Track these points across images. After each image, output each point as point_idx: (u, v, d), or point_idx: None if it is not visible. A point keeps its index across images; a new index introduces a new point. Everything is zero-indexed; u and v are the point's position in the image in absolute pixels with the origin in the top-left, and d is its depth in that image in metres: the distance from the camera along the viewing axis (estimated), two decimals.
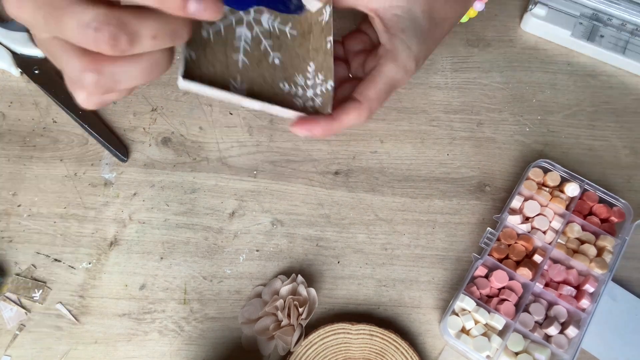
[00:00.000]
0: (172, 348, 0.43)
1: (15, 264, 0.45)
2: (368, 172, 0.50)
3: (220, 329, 0.44)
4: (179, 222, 0.47)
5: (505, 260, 0.45)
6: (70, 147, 0.50)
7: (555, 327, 0.42)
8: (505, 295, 0.43)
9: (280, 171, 0.49)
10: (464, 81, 0.54)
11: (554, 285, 0.44)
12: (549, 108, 0.53)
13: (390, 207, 0.48)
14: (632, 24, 0.54)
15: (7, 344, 0.43)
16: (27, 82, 0.52)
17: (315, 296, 0.43)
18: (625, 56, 0.53)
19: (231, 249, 0.46)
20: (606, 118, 0.52)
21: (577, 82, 0.54)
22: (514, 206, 0.47)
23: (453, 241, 0.47)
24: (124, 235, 0.46)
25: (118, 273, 0.45)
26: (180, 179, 0.49)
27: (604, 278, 0.44)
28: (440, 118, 0.52)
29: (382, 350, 0.42)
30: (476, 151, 0.51)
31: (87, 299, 0.44)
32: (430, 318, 0.45)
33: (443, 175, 0.50)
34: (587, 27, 0.54)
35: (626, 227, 0.46)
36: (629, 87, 0.54)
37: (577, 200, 0.47)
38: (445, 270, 0.46)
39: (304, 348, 0.42)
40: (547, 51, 0.55)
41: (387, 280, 0.46)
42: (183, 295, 0.45)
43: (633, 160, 0.51)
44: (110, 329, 0.43)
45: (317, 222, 0.48)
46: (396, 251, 0.47)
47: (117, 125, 0.51)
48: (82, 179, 0.48)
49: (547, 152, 0.51)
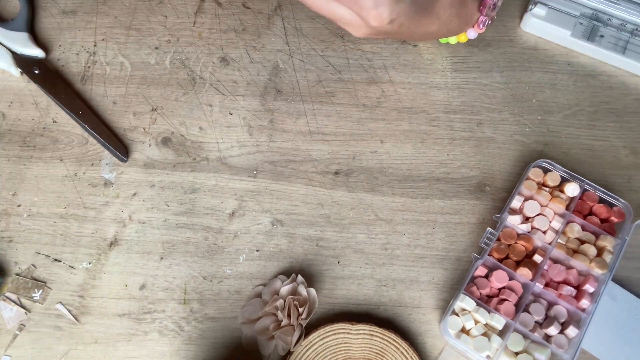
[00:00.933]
0: (172, 348, 0.43)
1: (15, 264, 0.45)
2: (368, 172, 0.50)
3: (220, 329, 0.44)
4: (179, 222, 0.47)
5: (505, 260, 0.45)
6: (70, 147, 0.50)
7: (555, 327, 0.42)
8: (505, 295, 0.43)
9: (280, 171, 0.49)
10: (464, 81, 0.54)
11: (554, 285, 0.44)
12: (549, 108, 0.53)
13: (390, 207, 0.48)
14: (632, 24, 0.54)
15: (7, 344, 0.43)
16: (27, 82, 0.52)
17: (315, 296, 0.43)
18: (625, 56, 0.53)
19: (231, 249, 0.46)
20: (606, 118, 0.52)
21: (577, 82, 0.54)
22: (514, 206, 0.47)
23: (453, 241, 0.47)
24: (124, 235, 0.47)
25: (118, 273, 0.45)
26: (180, 179, 0.49)
27: (604, 278, 0.44)
28: (440, 118, 0.52)
29: (382, 350, 0.42)
30: (476, 151, 0.51)
31: (87, 299, 0.44)
32: (430, 318, 0.45)
33: (443, 175, 0.50)
34: (587, 27, 0.54)
35: (626, 227, 0.46)
36: (629, 87, 0.54)
37: (577, 200, 0.47)
38: (445, 270, 0.46)
39: (304, 348, 0.42)
40: (547, 51, 0.55)
41: (387, 280, 0.46)
42: (183, 295, 0.45)
43: (633, 160, 0.51)
44: (110, 329, 0.43)
45: (317, 222, 0.48)
46: (396, 251, 0.47)
47: (117, 125, 0.51)
48: (82, 179, 0.48)
49: (547, 152, 0.51)
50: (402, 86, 0.53)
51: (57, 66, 0.53)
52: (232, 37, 0.55)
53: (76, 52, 0.54)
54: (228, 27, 0.56)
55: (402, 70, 0.54)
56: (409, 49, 0.55)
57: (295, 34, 0.55)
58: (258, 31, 0.56)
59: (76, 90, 0.52)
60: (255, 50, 0.55)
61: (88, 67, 0.53)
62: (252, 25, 0.56)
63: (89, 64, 0.53)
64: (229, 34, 0.55)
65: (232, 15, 0.56)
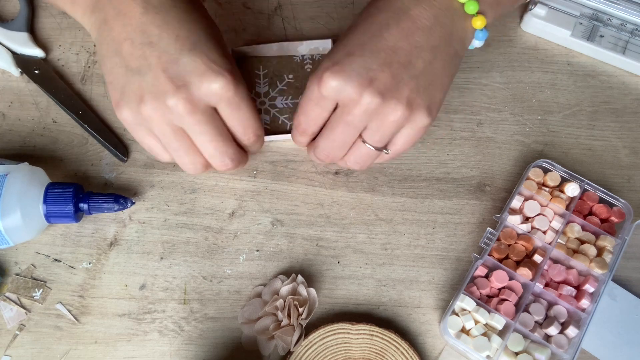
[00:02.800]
0: (172, 348, 0.43)
1: (15, 264, 0.45)
2: (368, 172, 0.50)
3: (220, 329, 0.44)
4: (179, 222, 0.47)
5: (505, 260, 0.45)
6: (70, 147, 0.50)
7: (555, 327, 0.42)
8: (505, 295, 0.43)
9: (280, 171, 0.49)
10: (464, 81, 0.54)
11: (554, 285, 0.44)
12: (549, 108, 0.53)
13: (390, 207, 0.48)
14: (632, 24, 0.54)
15: (7, 344, 0.43)
16: (27, 82, 0.52)
17: (315, 296, 0.43)
18: (625, 56, 0.53)
19: (231, 249, 0.46)
20: (606, 118, 0.52)
21: (577, 82, 0.54)
22: (514, 206, 0.47)
23: (453, 241, 0.47)
24: (124, 235, 0.47)
25: (118, 273, 0.45)
26: (180, 179, 0.49)
27: (604, 278, 0.44)
28: (440, 118, 0.52)
29: (382, 350, 0.42)
30: (476, 151, 0.51)
31: (87, 299, 0.44)
32: (430, 318, 0.45)
33: (443, 175, 0.50)
34: (587, 27, 0.54)
35: (626, 227, 0.46)
36: (629, 87, 0.54)
37: (577, 200, 0.47)
38: (445, 270, 0.46)
39: (304, 348, 0.42)
40: (547, 51, 0.55)
41: (387, 280, 0.46)
42: (183, 295, 0.45)
43: (633, 160, 0.51)
44: (110, 329, 0.43)
45: (317, 222, 0.48)
46: (396, 251, 0.47)
47: (117, 125, 0.51)
48: (82, 179, 0.48)
49: (547, 152, 0.51)
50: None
51: (57, 66, 0.53)
52: (232, 37, 0.55)
53: (76, 52, 0.54)
54: (228, 27, 0.56)
55: None
56: None
57: (296, 34, 0.55)
58: (258, 31, 0.56)
59: (76, 90, 0.52)
60: None
61: (88, 67, 0.53)
62: (252, 25, 0.56)
63: (89, 64, 0.53)
64: (229, 34, 0.55)
65: (232, 15, 0.56)
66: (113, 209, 0.44)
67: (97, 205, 0.44)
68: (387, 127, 0.39)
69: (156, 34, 0.37)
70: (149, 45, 0.37)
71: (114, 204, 0.44)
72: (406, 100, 0.38)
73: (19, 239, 0.43)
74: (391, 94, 0.38)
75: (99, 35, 0.39)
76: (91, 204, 0.44)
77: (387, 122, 0.39)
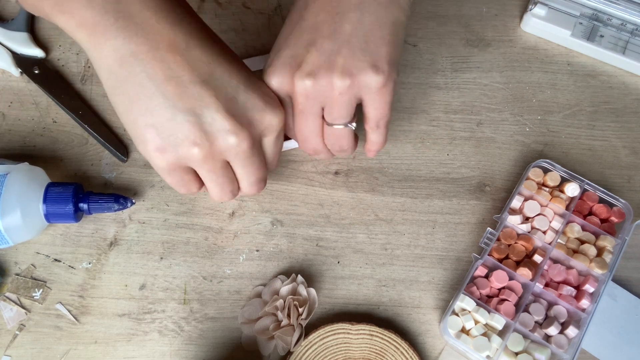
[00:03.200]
0: (172, 348, 0.43)
1: (15, 264, 0.45)
2: (368, 172, 0.50)
3: (220, 329, 0.44)
4: (179, 222, 0.47)
5: (505, 260, 0.45)
6: (70, 147, 0.50)
7: (555, 327, 0.42)
8: (505, 295, 0.43)
9: (280, 171, 0.49)
10: (464, 81, 0.54)
11: (554, 285, 0.44)
12: (549, 108, 0.53)
13: (390, 207, 0.48)
14: (632, 24, 0.54)
15: (7, 344, 0.43)
16: (27, 82, 0.52)
17: (315, 296, 0.43)
18: (625, 56, 0.53)
19: (231, 249, 0.46)
20: (606, 118, 0.52)
21: (577, 82, 0.54)
22: (514, 206, 0.47)
23: (453, 241, 0.47)
24: (124, 235, 0.47)
25: (118, 273, 0.45)
26: None
27: (604, 278, 0.44)
28: (440, 118, 0.52)
29: (382, 350, 0.42)
30: (476, 151, 0.51)
31: (87, 299, 0.44)
32: (430, 318, 0.45)
33: (443, 175, 0.50)
34: (587, 27, 0.54)
35: (626, 227, 0.46)
36: (629, 87, 0.54)
37: (577, 200, 0.47)
38: (445, 270, 0.46)
39: (304, 348, 0.42)
40: (547, 51, 0.55)
41: (387, 280, 0.46)
42: (183, 295, 0.45)
43: (633, 160, 0.51)
44: (110, 329, 0.43)
45: (317, 222, 0.48)
46: (396, 251, 0.47)
47: (117, 125, 0.51)
48: (82, 179, 0.48)
49: (547, 152, 0.51)
50: (402, 86, 0.53)
51: (57, 66, 0.53)
52: (232, 37, 0.55)
53: (76, 52, 0.54)
54: (228, 27, 0.56)
55: (402, 70, 0.54)
56: (408, 49, 0.55)
57: None
58: (258, 31, 0.56)
59: (76, 90, 0.52)
60: (255, 50, 0.55)
61: (88, 67, 0.53)
62: (252, 25, 0.56)
63: (89, 64, 0.53)
64: (229, 34, 0.55)
65: (232, 15, 0.56)
66: (113, 209, 0.44)
67: (97, 205, 0.44)
68: (338, 102, 0.38)
69: (207, 72, 0.35)
70: (202, 84, 0.35)
71: (114, 204, 0.44)
72: (341, 69, 0.37)
73: (19, 239, 0.43)
74: (323, 70, 0.37)
75: (121, 68, 0.34)
76: (91, 203, 0.44)
77: (334, 97, 0.37)
